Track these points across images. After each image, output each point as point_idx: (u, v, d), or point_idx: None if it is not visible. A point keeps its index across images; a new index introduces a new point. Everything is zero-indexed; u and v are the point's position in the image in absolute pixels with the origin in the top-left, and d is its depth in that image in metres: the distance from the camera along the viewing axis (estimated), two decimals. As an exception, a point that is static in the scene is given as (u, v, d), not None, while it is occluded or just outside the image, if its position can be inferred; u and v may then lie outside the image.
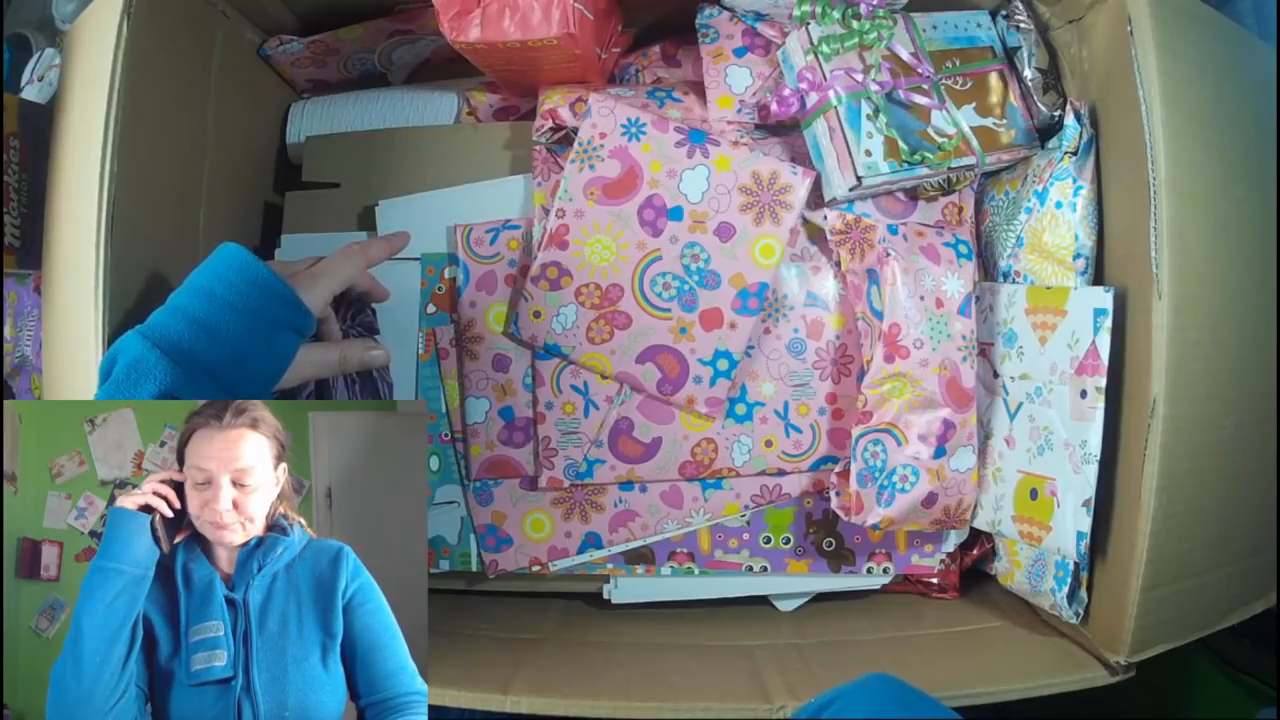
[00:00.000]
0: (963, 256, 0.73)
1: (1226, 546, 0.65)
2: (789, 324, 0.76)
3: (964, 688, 0.64)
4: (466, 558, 0.79)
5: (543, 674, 0.68)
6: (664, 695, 0.65)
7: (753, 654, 0.72)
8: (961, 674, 0.67)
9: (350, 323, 0.75)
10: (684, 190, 0.74)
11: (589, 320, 0.74)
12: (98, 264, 0.61)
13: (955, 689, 0.64)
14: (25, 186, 0.77)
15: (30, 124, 0.78)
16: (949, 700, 0.62)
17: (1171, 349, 0.59)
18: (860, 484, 0.71)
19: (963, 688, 0.64)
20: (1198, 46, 0.64)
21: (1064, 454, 0.66)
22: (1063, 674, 0.65)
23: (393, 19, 0.83)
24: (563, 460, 0.76)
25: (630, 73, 0.84)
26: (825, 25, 0.72)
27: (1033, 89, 0.74)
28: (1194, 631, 0.65)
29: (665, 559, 0.78)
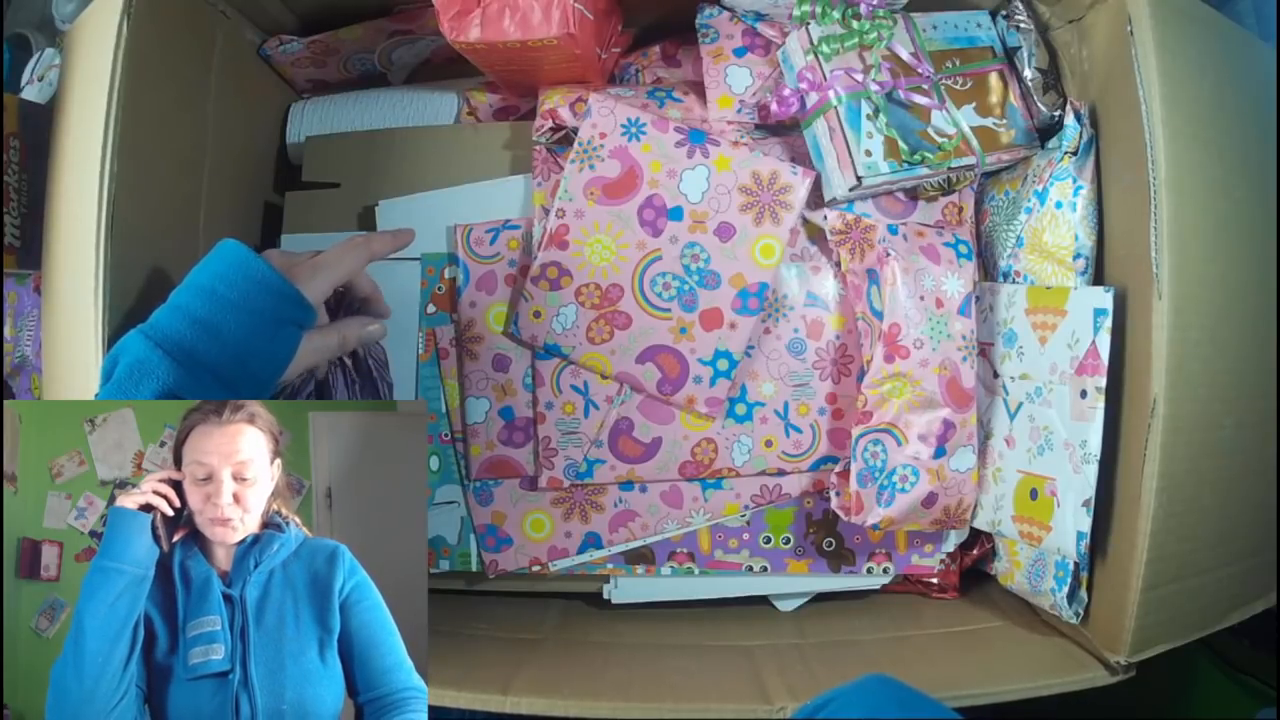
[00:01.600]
0: (963, 256, 0.73)
1: (1227, 546, 0.65)
2: (789, 324, 0.76)
3: (964, 688, 0.64)
4: (466, 558, 0.79)
5: (543, 674, 0.68)
6: (664, 695, 0.65)
7: (753, 654, 0.72)
8: (962, 674, 0.67)
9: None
10: (684, 190, 0.74)
11: (589, 320, 0.74)
12: (98, 264, 0.61)
13: (955, 689, 0.64)
14: (25, 186, 0.77)
15: (30, 124, 0.78)
16: (949, 700, 0.62)
17: (1172, 349, 0.59)
18: (860, 484, 0.71)
19: (963, 688, 0.64)
20: (1198, 46, 0.64)
21: (1064, 454, 0.66)
22: (1063, 674, 0.65)
23: (393, 19, 0.83)
24: (563, 460, 0.76)
25: (630, 73, 0.84)
26: (825, 25, 0.72)
27: (1033, 89, 0.74)
28: (1194, 631, 0.65)
29: (665, 559, 0.78)
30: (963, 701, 0.63)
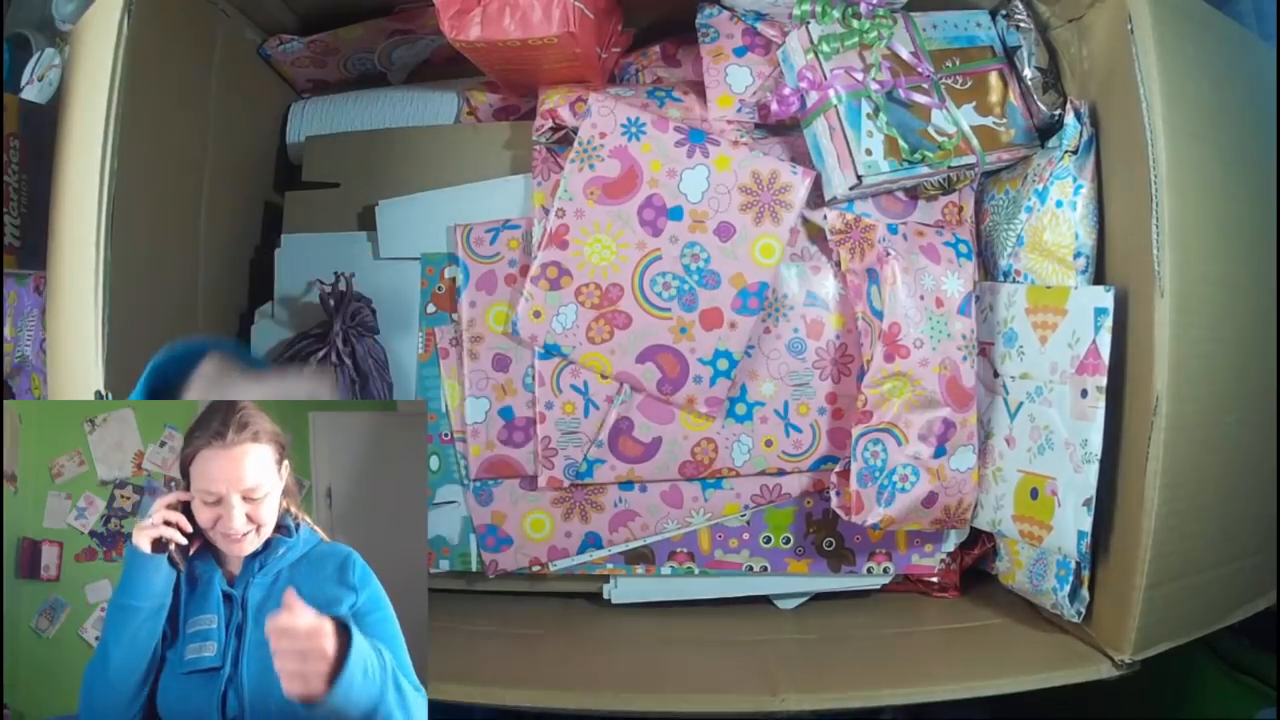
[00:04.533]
0: (963, 256, 0.73)
1: (1228, 544, 0.65)
2: (789, 324, 0.76)
3: (968, 680, 0.64)
4: (466, 558, 0.79)
5: (543, 668, 0.68)
6: (666, 688, 0.65)
7: (755, 648, 0.72)
8: (966, 667, 0.67)
9: (350, 322, 0.75)
10: (684, 190, 0.74)
11: (589, 320, 0.74)
12: (98, 263, 0.61)
13: (960, 682, 0.64)
14: (25, 186, 0.77)
15: (30, 124, 0.78)
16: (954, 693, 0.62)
17: (1174, 347, 0.59)
18: (860, 483, 0.71)
19: (967, 680, 0.64)
20: (1198, 45, 0.64)
21: (1064, 453, 0.66)
22: (1068, 667, 0.65)
23: (393, 18, 0.83)
24: (563, 460, 0.76)
25: (630, 72, 0.84)
26: (825, 24, 0.72)
27: (1033, 88, 0.74)
28: (1197, 629, 0.65)
29: (665, 559, 0.78)
30: (967, 694, 0.63)
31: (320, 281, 0.75)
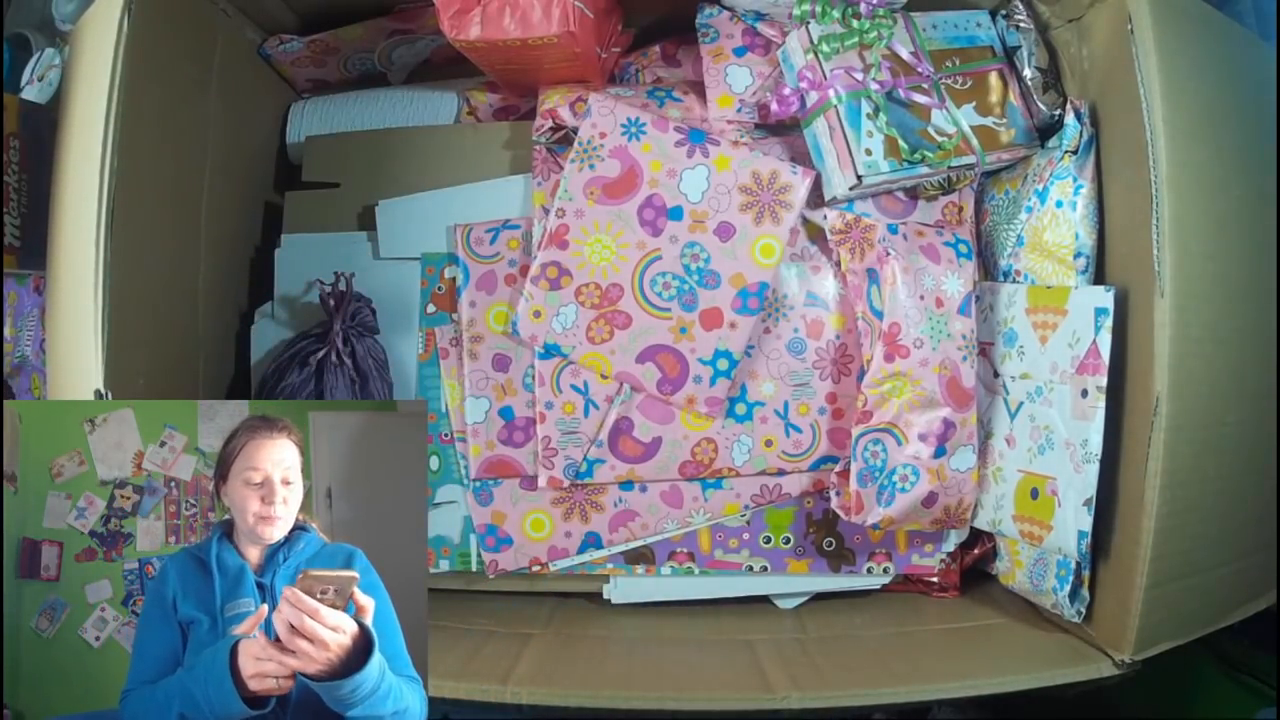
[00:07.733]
0: (963, 256, 0.73)
1: (1228, 544, 0.65)
2: (789, 324, 0.76)
3: (969, 679, 0.64)
4: (466, 558, 0.79)
5: (543, 665, 0.68)
6: (665, 686, 0.65)
7: (754, 647, 0.72)
8: (966, 666, 0.67)
9: (349, 322, 0.75)
10: (684, 190, 0.74)
11: (589, 320, 0.74)
12: (98, 263, 0.61)
13: (960, 680, 0.64)
14: (25, 186, 0.77)
15: (30, 124, 0.77)
16: (954, 692, 0.62)
17: (1174, 346, 0.59)
18: (860, 483, 0.71)
19: (967, 679, 0.64)
20: (1198, 45, 0.64)
21: (1065, 453, 0.66)
22: (1068, 666, 0.65)
23: (393, 18, 0.83)
24: (563, 460, 0.76)
25: (630, 72, 0.84)
26: (825, 24, 0.72)
27: (1033, 88, 0.74)
28: (1197, 629, 0.65)
29: (665, 559, 0.78)
30: (968, 692, 0.63)
31: (320, 281, 0.75)
